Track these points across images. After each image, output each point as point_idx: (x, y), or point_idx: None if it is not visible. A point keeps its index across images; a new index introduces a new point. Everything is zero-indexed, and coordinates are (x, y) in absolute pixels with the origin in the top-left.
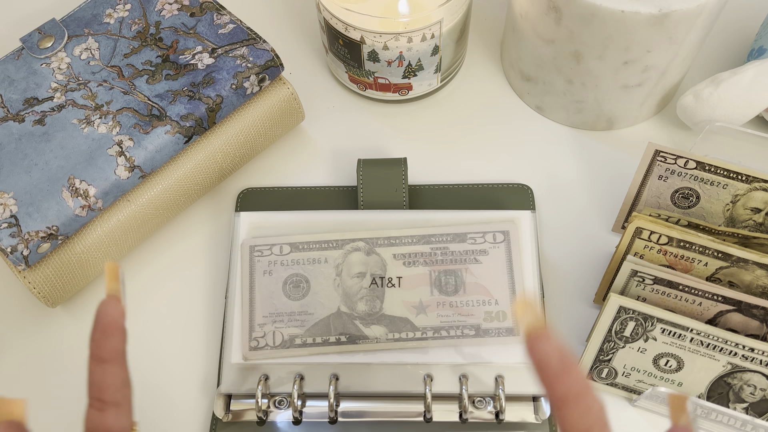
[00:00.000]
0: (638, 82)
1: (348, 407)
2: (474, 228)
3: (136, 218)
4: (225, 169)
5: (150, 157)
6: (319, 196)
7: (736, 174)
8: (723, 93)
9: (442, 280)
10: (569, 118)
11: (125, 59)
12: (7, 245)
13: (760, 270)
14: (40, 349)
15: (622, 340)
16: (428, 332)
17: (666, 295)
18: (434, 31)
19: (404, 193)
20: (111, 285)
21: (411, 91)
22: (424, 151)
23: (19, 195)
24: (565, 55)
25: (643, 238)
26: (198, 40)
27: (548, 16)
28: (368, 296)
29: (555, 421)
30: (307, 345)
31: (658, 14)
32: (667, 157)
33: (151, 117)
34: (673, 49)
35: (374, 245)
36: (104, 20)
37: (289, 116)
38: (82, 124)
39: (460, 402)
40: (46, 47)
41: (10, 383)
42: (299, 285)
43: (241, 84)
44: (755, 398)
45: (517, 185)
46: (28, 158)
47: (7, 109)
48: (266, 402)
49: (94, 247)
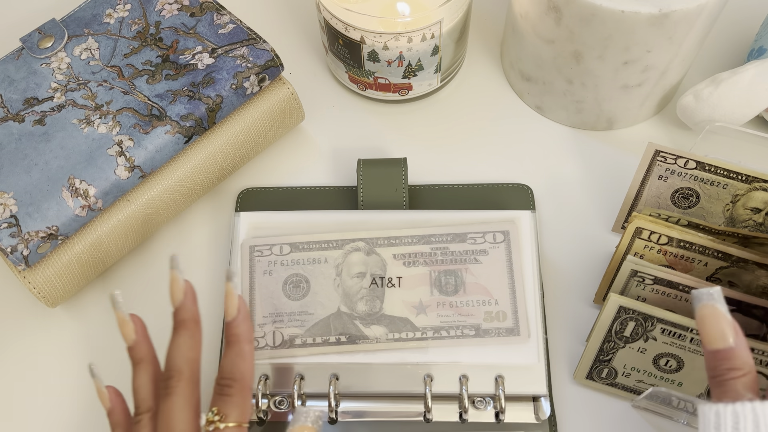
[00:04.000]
0: (638, 82)
1: (348, 407)
2: (474, 228)
3: (136, 218)
4: (225, 169)
5: (150, 157)
6: (319, 196)
7: (736, 174)
8: (723, 93)
9: (442, 280)
10: (569, 118)
11: (125, 59)
12: (7, 245)
13: (760, 270)
14: (40, 349)
15: (622, 340)
16: (428, 332)
17: (666, 295)
18: (434, 31)
19: (404, 193)
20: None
21: (411, 91)
22: (424, 151)
23: (19, 195)
24: (565, 55)
25: (643, 238)
26: (198, 40)
27: (548, 16)
28: (368, 296)
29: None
30: (307, 345)
31: (658, 14)
32: (667, 157)
33: (151, 117)
34: (673, 49)
35: (374, 245)
36: (104, 20)
37: (289, 116)
38: (82, 124)
39: (460, 402)
40: (46, 47)
41: (10, 383)
42: (299, 285)
43: (241, 84)
44: None
45: (517, 185)
46: (28, 158)
47: (7, 109)
48: (266, 402)
49: (94, 247)
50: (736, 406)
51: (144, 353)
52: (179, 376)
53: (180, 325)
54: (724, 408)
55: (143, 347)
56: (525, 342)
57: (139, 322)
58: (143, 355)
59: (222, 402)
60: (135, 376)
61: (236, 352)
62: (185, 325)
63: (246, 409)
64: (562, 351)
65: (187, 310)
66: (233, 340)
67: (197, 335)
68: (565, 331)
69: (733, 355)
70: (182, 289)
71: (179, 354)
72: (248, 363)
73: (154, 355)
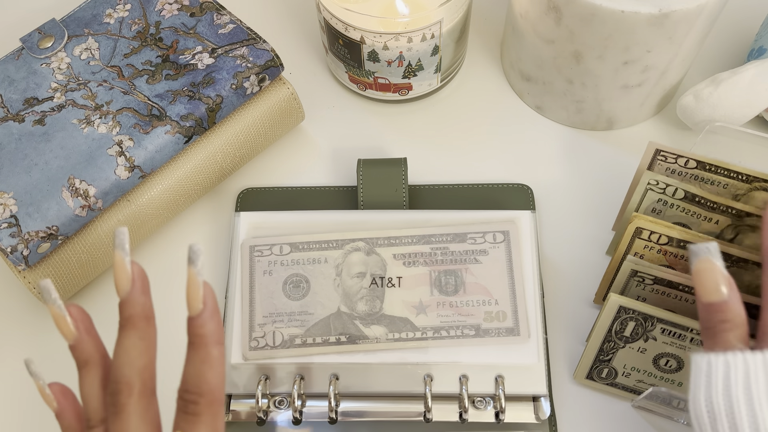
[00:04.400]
0: (638, 82)
1: (348, 407)
2: (474, 228)
3: (136, 218)
4: (225, 169)
5: (150, 157)
6: (319, 196)
7: (736, 173)
8: (723, 93)
9: (442, 280)
10: (569, 118)
11: (125, 59)
12: (7, 245)
13: (760, 270)
14: (40, 349)
15: (622, 340)
16: (428, 332)
17: (666, 295)
18: (434, 31)
19: (404, 193)
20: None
21: (411, 91)
22: (424, 151)
23: (19, 195)
24: (565, 55)
25: (643, 238)
26: (198, 40)
27: (548, 16)
28: (368, 296)
29: None
30: (307, 345)
31: (658, 14)
32: (668, 156)
33: (151, 117)
34: (673, 49)
35: (374, 245)
36: (104, 20)
37: (289, 116)
38: (82, 124)
39: (460, 402)
40: (46, 47)
41: (10, 383)
42: (299, 285)
43: (241, 84)
44: None
45: (517, 185)
46: (28, 158)
47: (7, 109)
48: (266, 402)
49: (94, 247)
50: (727, 355)
51: (89, 353)
52: (129, 390)
53: (126, 324)
54: (716, 357)
55: (88, 345)
56: (525, 342)
57: (82, 314)
58: (88, 356)
59: (187, 422)
60: (81, 381)
61: (202, 358)
62: (132, 323)
63: (218, 428)
64: (562, 351)
65: (136, 303)
66: (198, 341)
67: (149, 335)
68: (565, 331)
69: (727, 308)
70: (129, 276)
71: (127, 361)
72: (217, 371)
73: (104, 354)
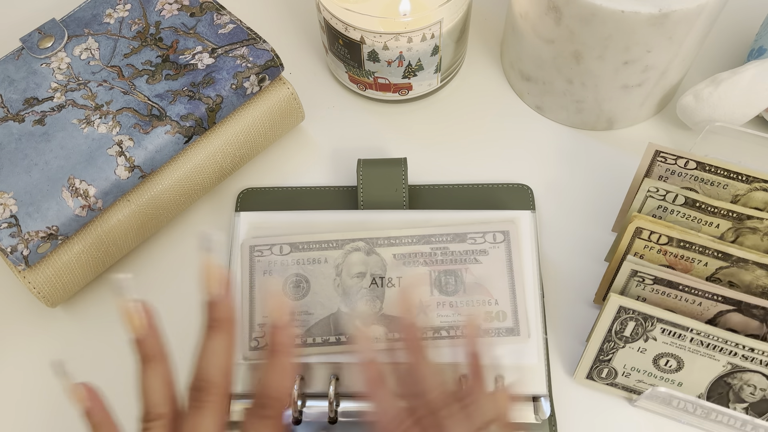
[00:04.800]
0: (638, 82)
1: (348, 407)
2: (474, 228)
3: (136, 218)
4: (225, 169)
5: (150, 157)
6: (319, 196)
7: (736, 174)
8: (723, 93)
9: (442, 280)
10: (569, 118)
11: (125, 59)
12: (7, 245)
13: (760, 270)
14: (40, 349)
15: (622, 340)
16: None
17: (666, 295)
18: (434, 31)
19: (404, 193)
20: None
21: (411, 91)
22: (424, 151)
23: (19, 195)
24: (565, 55)
25: (643, 238)
26: (198, 40)
27: (548, 16)
28: (368, 296)
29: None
30: (307, 345)
31: (658, 14)
32: (668, 158)
33: (151, 117)
34: (673, 49)
35: (374, 245)
36: (104, 20)
37: (289, 116)
38: (82, 124)
39: None
40: (46, 47)
41: (10, 383)
42: (299, 285)
43: (241, 84)
44: (755, 398)
45: (517, 185)
46: (28, 158)
47: (7, 109)
48: None
49: (94, 247)
50: None
51: (155, 348)
52: (214, 389)
53: (216, 326)
54: None
55: (154, 342)
56: (525, 342)
57: (150, 311)
58: (154, 351)
59: (258, 427)
60: (144, 375)
61: (274, 365)
62: (221, 326)
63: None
64: (562, 351)
65: (225, 307)
66: (277, 349)
67: (233, 340)
68: (565, 331)
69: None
70: (221, 280)
71: (215, 362)
72: (288, 377)
73: (167, 353)
